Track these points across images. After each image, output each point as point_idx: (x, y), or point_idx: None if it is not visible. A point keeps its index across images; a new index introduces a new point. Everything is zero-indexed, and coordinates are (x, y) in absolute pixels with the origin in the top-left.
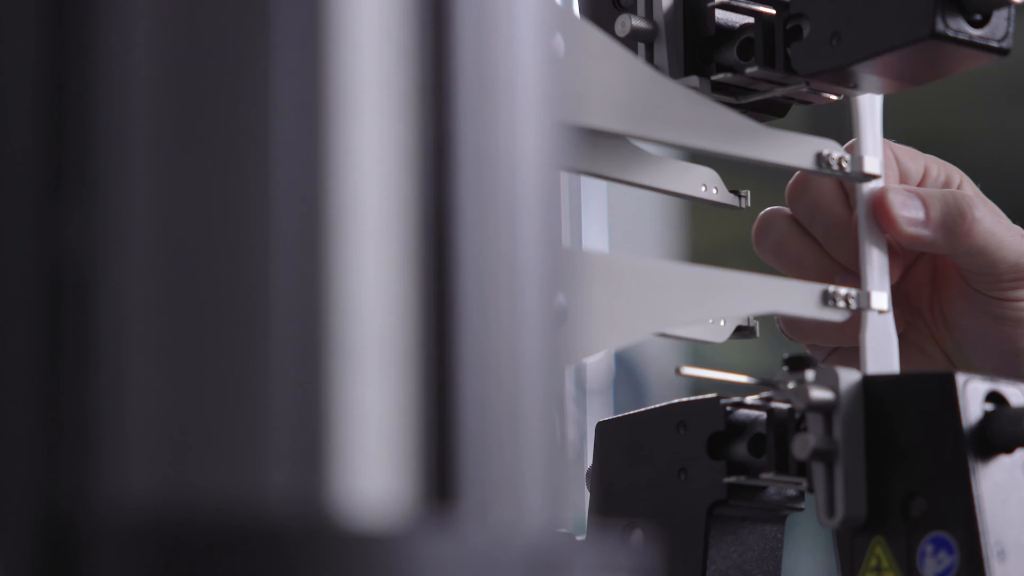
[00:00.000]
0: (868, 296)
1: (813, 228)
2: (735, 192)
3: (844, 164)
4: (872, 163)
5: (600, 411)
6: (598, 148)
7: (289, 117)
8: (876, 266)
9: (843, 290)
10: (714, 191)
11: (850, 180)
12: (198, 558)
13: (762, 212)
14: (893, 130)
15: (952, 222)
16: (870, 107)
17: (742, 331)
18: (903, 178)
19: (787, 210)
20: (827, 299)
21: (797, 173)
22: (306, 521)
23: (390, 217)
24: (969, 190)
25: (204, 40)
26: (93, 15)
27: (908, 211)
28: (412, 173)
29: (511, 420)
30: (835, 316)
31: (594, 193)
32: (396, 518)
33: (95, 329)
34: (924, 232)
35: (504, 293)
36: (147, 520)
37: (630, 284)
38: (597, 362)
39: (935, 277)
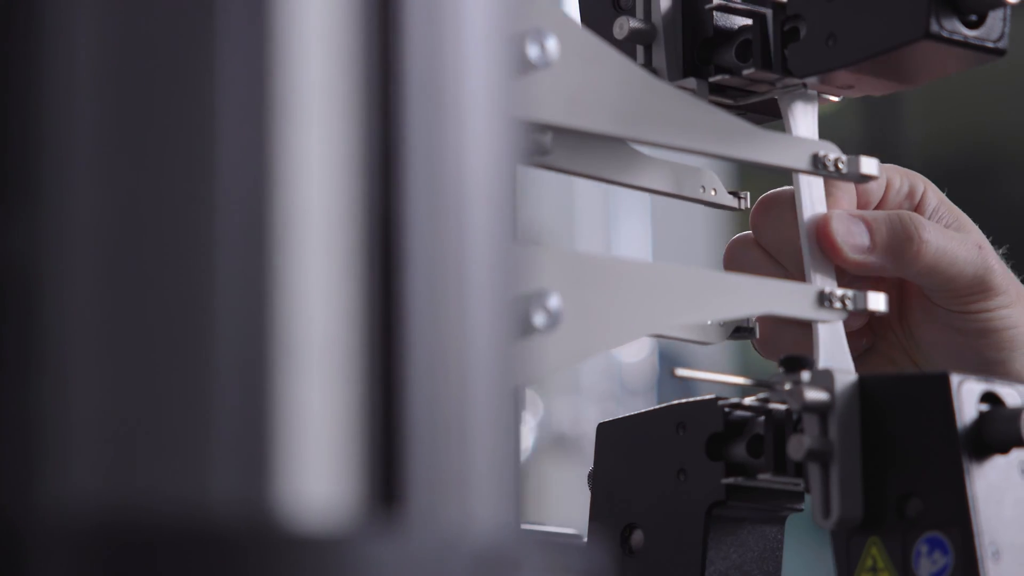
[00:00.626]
0: (865, 297)
1: (780, 256)
2: (734, 193)
3: (840, 165)
4: (869, 164)
5: None
6: (595, 150)
7: (234, 121)
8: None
9: (839, 291)
10: (713, 192)
11: (847, 180)
12: (142, 561)
13: (731, 240)
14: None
15: (899, 245)
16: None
17: (741, 331)
18: (863, 196)
19: (750, 236)
20: (823, 300)
21: (759, 199)
22: (250, 524)
23: (335, 220)
24: (933, 197)
25: (148, 46)
26: (36, 21)
27: (853, 238)
28: (358, 175)
29: (459, 423)
30: (831, 317)
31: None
32: (341, 521)
33: (39, 332)
34: (871, 259)
35: (453, 296)
36: (91, 523)
37: (624, 286)
38: (640, 361)
39: (900, 293)
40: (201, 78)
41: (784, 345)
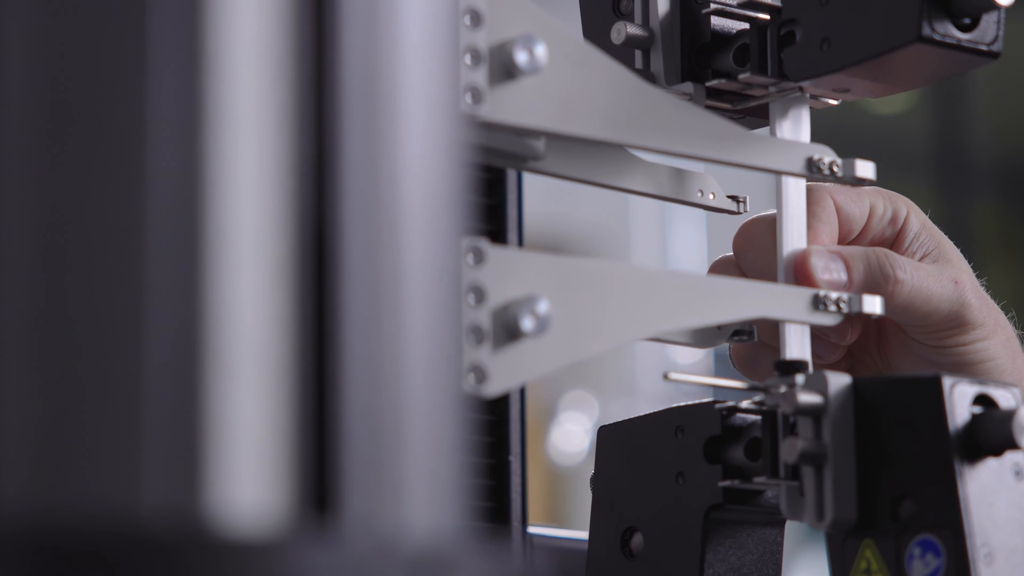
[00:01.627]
0: (860, 300)
1: (763, 279)
2: (733, 198)
3: (836, 168)
4: (864, 167)
5: None
6: (591, 154)
7: (166, 130)
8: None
9: (834, 294)
10: (711, 196)
11: (842, 183)
12: (71, 566)
13: (714, 262)
14: None
15: (875, 284)
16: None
17: (740, 335)
18: (846, 224)
19: (731, 257)
20: (818, 303)
21: (743, 225)
22: (181, 530)
23: (267, 226)
24: (916, 222)
25: (80, 54)
26: None
27: (830, 274)
28: (291, 181)
29: (395, 429)
30: (827, 320)
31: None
32: (273, 527)
33: None
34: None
35: (390, 303)
36: (19, 527)
37: (614, 290)
38: (695, 363)
39: (878, 323)
40: (134, 87)
41: (763, 365)
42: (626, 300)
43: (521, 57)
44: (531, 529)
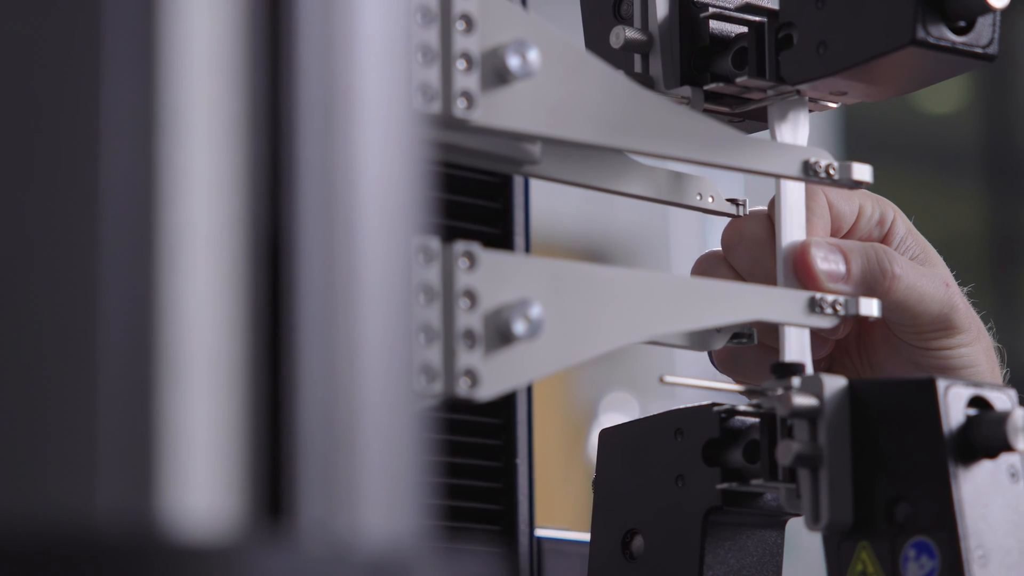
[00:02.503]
0: (857, 303)
1: (750, 277)
2: (732, 201)
3: (832, 171)
4: (861, 170)
5: None
6: (587, 158)
7: (120, 134)
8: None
9: (830, 296)
10: (710, 199)
11: (839, 187)
12: (27, 572)
13: (699, 257)
14: None
15: (872, 279)
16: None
17: (739, 337)
18: (836, 221)
19: (723, 254)
20: (814, 306)
21: (732, 220)
22: (135, 535)
23: (221, 234)
24: (902, 226)
25: (34, 61)
26: None
27: (829, 265)
28: (245, 189)
29: (350, 435)
30: (823, 322)
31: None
32: (226, 532)
33: None
34: (844, 287)
35: (344, 310)
36: None
37: (607, 294)
38: None
39: (861, 322)
40: (88, 95)
41: (746, 363)
42: (620, 304)
43: (514, 62)
44: (541, 532)
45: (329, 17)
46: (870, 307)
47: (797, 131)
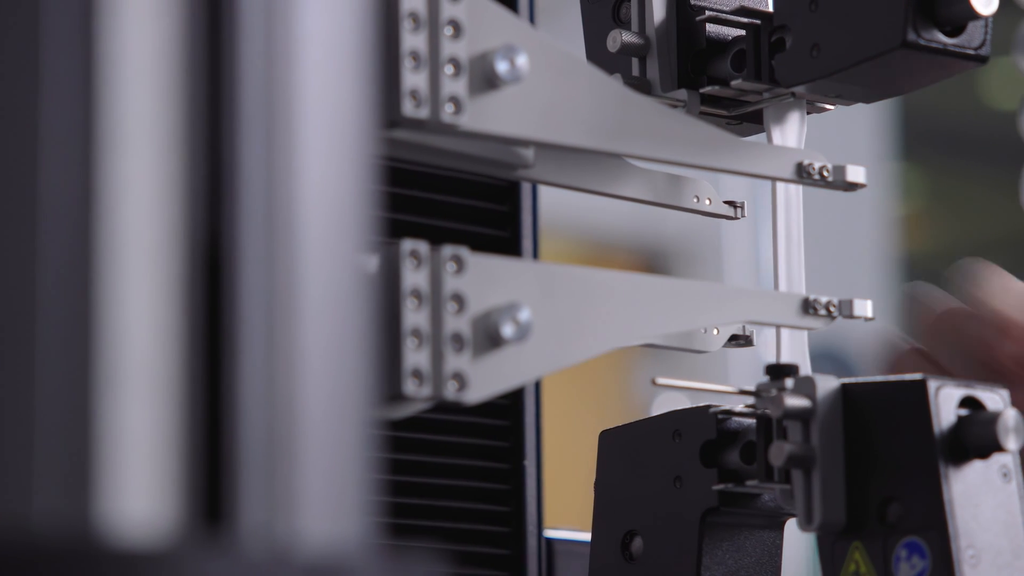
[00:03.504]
0: (851, 304)
1: (953, 368)
2: (730, 203)
3: (826, 173)
4: (855, 172)
5: None
6: (581, 162)
7: (58, 147)
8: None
9: (824, 298)
10: (707, 202)
11: (833, 189)
12: None
13: (895, 352)
14: None
15: None
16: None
17: (737, 339)
18: None
19: (918, 348)
20: (808, 308)
21: (932, 317)
22: (71, 540)
23: (160, 243)
24: None
25: None
26: None
27: None
28: (184, 197)
29: (291, 441)
30: (817, 324)
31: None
32: (163, 536)
33: None
34: None
35: (287, 317)
36: None
37: (597, 297)
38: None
39: None
40: (26, 105)
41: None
42: (610, 306)
43: (502, 67)
44: (551, 533)
45: (271, 26)
46: (864, 308)
47: (793, 133)
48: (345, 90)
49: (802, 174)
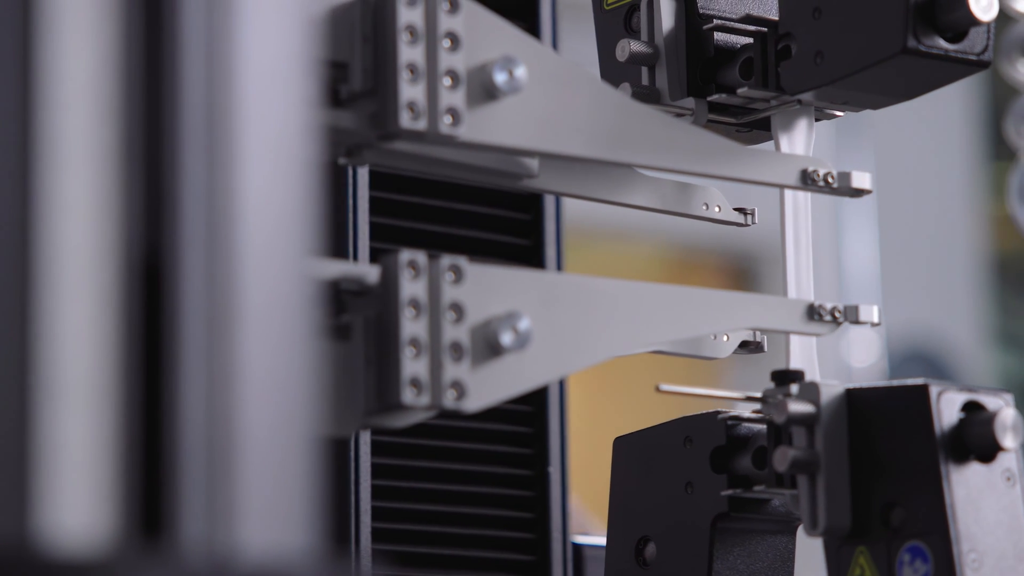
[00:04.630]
0: (856, 310)
1: None
2: (740, 210)
3: (831, 180)
4: (861, 178)
5: None
6: (592, 170)
7: None
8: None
9: (829, 304)
10: (717, 209)
11: (838, 195)
12: None
13: None
14: None
15: None
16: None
17: (748, 346)
18: None
19: None
20: (813, 314)
21: None
22: (9, 550)
23: (98, 258)
24: None
25: None
26: None
27: None
28: (123, 214)
29: (230, 454)
30: (822, 330)
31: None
32: (100, 547)
33: None
34: None
35: (227, 332)
36: None
37: (598, 305)
38: (870, 366)
39: None
40: None
41: None
42: (612, 314)
43: (500, 78)
44: (580, 539)
45: (211, 43)
46: (870, 314)
47: (801, 140)
48: (287, 104)
49: (807, 181)
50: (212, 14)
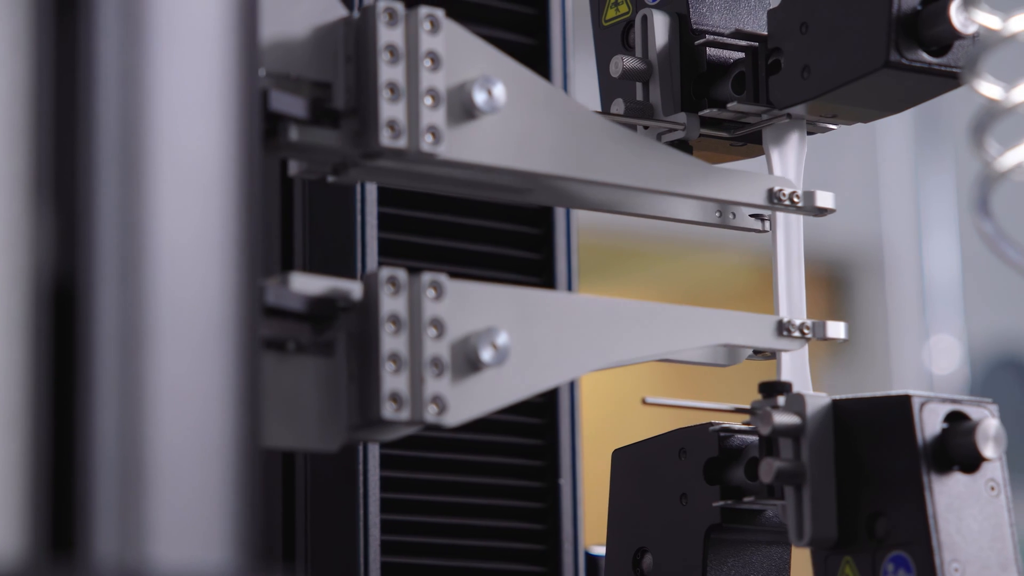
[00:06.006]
0: (824, 326)
1: None
2: (756, 216)
3: (796, 199)
4: (824, 198)
5: None
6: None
7: None
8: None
9: (798, 320)
10: (731, 216)
11: (803, 214)
12: None
13: None
14: None
15: None
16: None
17: (761, 352)
18: None
19: None
20: (782, 329)
21: None
22: None
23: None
24: None
25: None
26: None
27: None
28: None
29: (143, 473)
30: (792, 345)
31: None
32: (9, 565)
33: None
34: None
35: (140, 352)
36: None
37: (574, 321)
38: (952, 373)
39: None
40: None
41: None
42: (587, 330)
43: (480, 97)
44: (596, 550)
45: (125, 71)
46: (837, 330)
47: (793, 154)
48: (206, 127)
49: (773, 200)
50: (126, 38)
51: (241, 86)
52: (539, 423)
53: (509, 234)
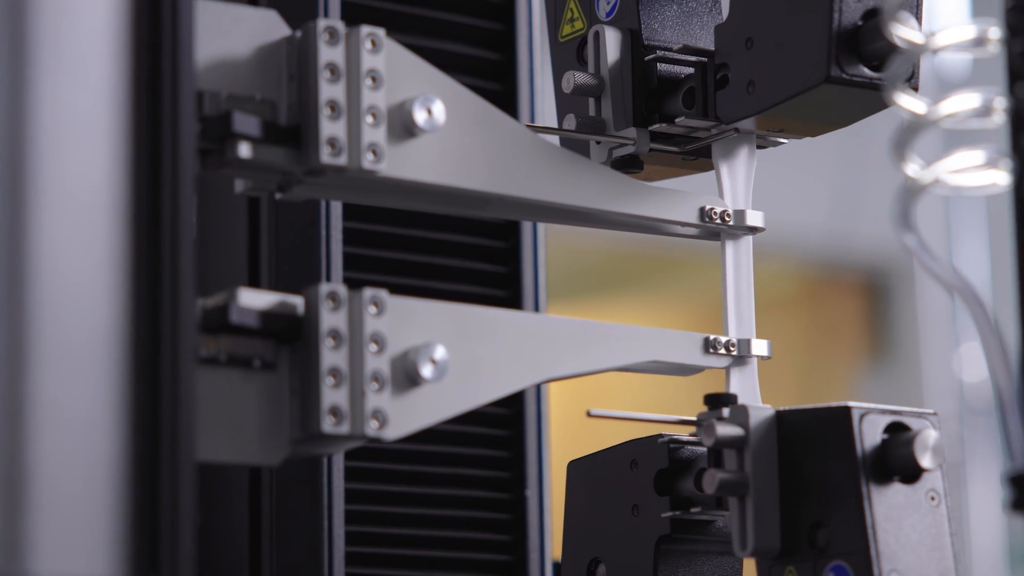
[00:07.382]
0: (749, 344)
1: None
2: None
3: (727, 218)
4: (754, 216)
5: (986, 432)
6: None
7: None
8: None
9: (723, 338)
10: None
11: (734, 231)
12: None
13: None
14: None
15: None
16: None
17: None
18: None
19: None
20: (708, 347)
21: None
22: None
23: None
24: None
25: None
26: None
27: None
28: None
29: (17, 486)
30: (718, 363)
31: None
32: None
33: None
34: None
35: (14, 366)
36: None
37: (510, 337)
38: (983, 381)
39: None
40: None
41: None
42: (522, 346)
43: (420, 116)
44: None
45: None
46: (761, 347)
47: (742, 168)
48: (89, 150)
49: (704, 218)
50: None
51: (138, 107)
52: (506, 435)
53: (475, 248)
